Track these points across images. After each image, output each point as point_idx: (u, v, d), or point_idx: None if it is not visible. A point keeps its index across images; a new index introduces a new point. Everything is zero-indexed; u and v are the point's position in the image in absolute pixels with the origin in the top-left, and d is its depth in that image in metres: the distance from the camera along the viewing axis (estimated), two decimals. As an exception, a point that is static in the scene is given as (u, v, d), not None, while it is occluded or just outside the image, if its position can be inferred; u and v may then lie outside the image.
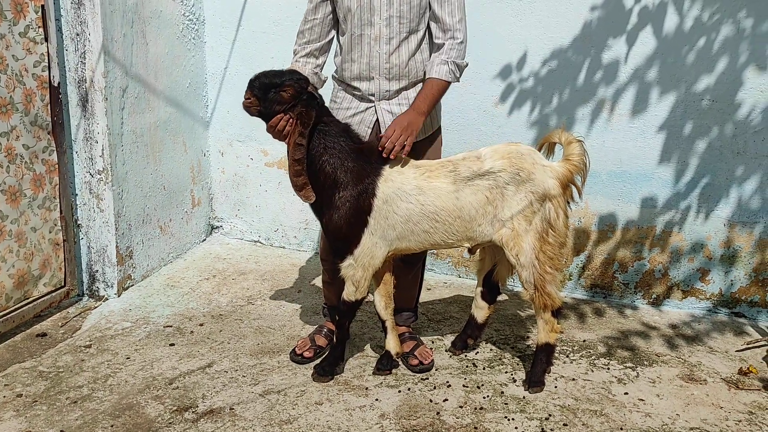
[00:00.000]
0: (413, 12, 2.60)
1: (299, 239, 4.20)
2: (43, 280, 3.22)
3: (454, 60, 2.62)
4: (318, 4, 2.70)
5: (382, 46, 2.63)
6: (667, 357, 3.02)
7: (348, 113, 2.74)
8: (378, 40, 2.63)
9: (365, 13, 2.61)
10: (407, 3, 2.58)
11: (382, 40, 2.62)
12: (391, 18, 2.60)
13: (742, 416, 2.59)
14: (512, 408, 2.59)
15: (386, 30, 2.61)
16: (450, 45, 2.62)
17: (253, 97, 2.54)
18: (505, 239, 2.57)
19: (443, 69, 2.62)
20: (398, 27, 2.61)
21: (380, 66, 2.66)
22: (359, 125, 2.72)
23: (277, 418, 2.50)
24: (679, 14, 3.26)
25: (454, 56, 2.62)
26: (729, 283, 3.44)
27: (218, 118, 4.19)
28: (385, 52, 2.64)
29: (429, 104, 2.62)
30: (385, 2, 2.58)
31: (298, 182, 2.53)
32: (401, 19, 2.60)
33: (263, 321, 3.29)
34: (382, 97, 2.70)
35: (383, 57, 2.64)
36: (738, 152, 3.31)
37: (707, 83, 3.29)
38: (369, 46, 2.64)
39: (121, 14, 3.35)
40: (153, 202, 3.74)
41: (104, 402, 2.59)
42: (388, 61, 2.64)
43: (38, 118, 3.11)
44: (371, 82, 2.68)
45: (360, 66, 2.68)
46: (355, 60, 2.68)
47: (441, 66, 2.62)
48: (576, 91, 3.49)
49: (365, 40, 2.64)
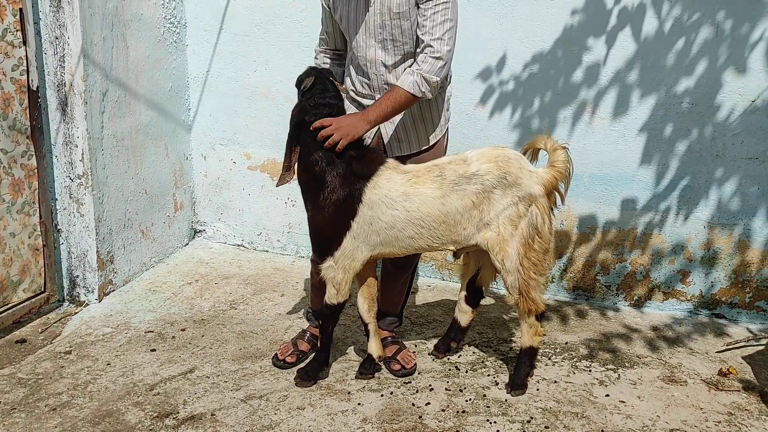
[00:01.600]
0: (406, 35, 2.59)
1: (282, 243, 4.19)
2: (23, 286, 3.19)
3: (423, 72, 2.52)
4: (326, 19, 2.76)
5: (378, 67, 2.65)
6: (648, 359, 3.04)
7: None
8: (374, 62, 2.65)
9: (361, 36, 2.62)
10: (398, 27, 2.57)
11: (378, 62, 2.64)
12: (386, 41, 2.61)
13: (722, 417, 2.61)
14: (494, 411, 2.60)
15: (382, 53, 2.63)
16: (423, 58, 2.53)
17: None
18: (491, 243, 2.57)
19: (408, 79, 2.53)
20: (393, 50, 2.62)
21: (379, 86, 2.68)
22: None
23: (258, 423, 2.49)
24: (658, 17, 3.29)
25: (425, 69, 2.52)
26: (709, 284, 3.47)
27: (200, 122, 4.17)
28: (382, 74, 2.66)
29: (380, 114, 2.55)
30: (378, 26, 2.59)
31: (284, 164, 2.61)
32: (395, 42, 2.60)
33: (246, 325, 3.28)
34: None
35: (381, 78, 2.66)
36: (717, 155, 3.34)
37: (687, 86, 3.32)
38: (367, 67, 2.67)
39: (100, 17, 3.32)
40: (134, 207, 3.71)
41: (84, 409, 2.56)
42: (386, 82, 2.66)
43: (17, 123, 3.08)
44: (372, 100, 2.69)
45: (361, 85, 2.72)
46: (355, 79, 2.73)
47: (407, 76, 2.54)
48: (557, 95, 3.50)
49: (362, 62, 2.67)
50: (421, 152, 2.77)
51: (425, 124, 2.76)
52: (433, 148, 2.79)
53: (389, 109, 2.55)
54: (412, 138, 2.76)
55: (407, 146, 2.77)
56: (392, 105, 2.55)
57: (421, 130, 2.76)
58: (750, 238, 3.36)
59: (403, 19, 2.55)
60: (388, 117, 2.59)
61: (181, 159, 4.13)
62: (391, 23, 2.56)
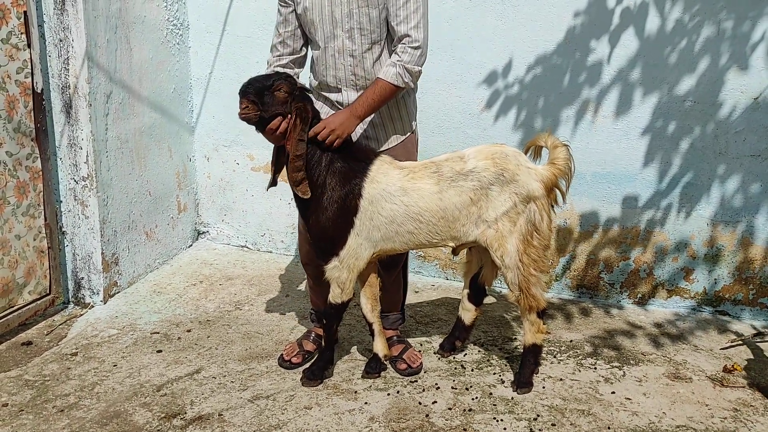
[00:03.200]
0: (373, 23, 2.60)
1: (286, 243, 4.20)
2: (28, 288, 3.20)
3: (404, 63, 2.56)
4: (287, 17, 2.72)
5: (346, 58, 2.65)
6: (653, 356, 3.05)
7: None
8: (342, 52, 2.64)
9: (328, 26, 2.62)
10: (366, 15, 2.58)
11: (346, 53, 2.64)
12: (353, 30, 2.60)
13: (728, 413, 2.62)
14: (501, 409, 2.61)
15: (349, 42, 2.62)
16: (402, 48, 2.57)
17: (250, 104, 2.53)
18: (490, 240, 2.59)
19: (390, 71, 2.56)
20: (360, 39, 2.62)
21: (346, 78, 2.68)
22: None
23: (266, 423, 2.50)
24: (661, 16, 3.30)
25: (405, 59, 2.56)
26: (713, 281, 3.48)
27: (203, 123, 4.18)
28: (349, 64, 2.65)
29: (367, 108, 2.59)
30: (345, 14, 2.59)
31: (296, 178, 2.54)
32: (362, 30, 2.60)
33: (251, 326, 3.28)
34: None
35: (348, 69, 2.66)
36: (720, 152, 3.35)
37: (689, 84, 3.33)
38: (334, 59, 2.66)
39: (104, 20, 3.33)
40: (138, 208, 3.72)
41: (91, 410, 2.57)
42: (353, 72, 2.66)
43: (21, 125, 3.09)
44: (340, 93, 2.70)
45: (327, 78, 2.71)
46: (322, 72, 2.71)
47: (389, 68, 2.57)
48: (560, 94, 3.51)
49: (329, 53, 2.66)
50: (390, 149, 2.77)
51: (393, 121, 2.77)
52: (402, 144, 2.79)
53: (375, 102, 2.59)
54: (380, 135, 2.77)
55: (375, 143, 2.76)
56: (377, 98, 2.58)
57: (389, 126, 2.77)
58: (753, 235, 3.37)
59: (371, 6, 2.56)
60: (374, 110, 2.62)
61: (184, 160, 4.14)
62: (359, 11, 2.57)
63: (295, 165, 2.53)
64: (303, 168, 2.53)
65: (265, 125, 2.55)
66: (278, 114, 2.53)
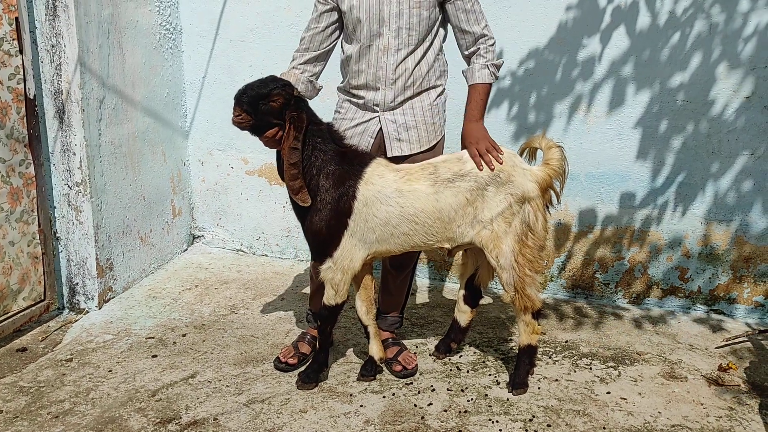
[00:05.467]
0: (422, 24, 2.63)
1: (281, 247, 4.20)
2: (23, 295, 3.19)
3: (492, 62, 2.69)
4: (322, 14, 2.73)
5: (390, 56, 2.66)
6: (648, 355, 3.05)
7: (352, 123, 2.77)
8: (386, 50, 2.65)
9: (374, 24, 2.63)
10: (417, 15, 2.61)
11: (390, 51, 2.65)
12: (401, 30, 2.62)
13: (723, 412, 2.62)
14: (496, 410, 2.61)
15: (395, 41, 2.64)
16: (485, 48, 2.68)
17: (243, 112, 2.53)
18: (485, 241, 2.59)
19: (485, 73, 2.68)
20: (407, 39, 2.64)
21: (386, 76, 2.68)
22: (362, 134, 2.75)
23: (261, 427, 2.50)
24: (652, 13, 3.31)
25: (491, 58, 2.69)
26: (707, 280, 3.48)
27: (197, 128, 4.18)
28: (392, 63, 2.66)
29: (481, 110, 2.71)
30: (394, 14, 2.61)
31: (294, 186, 2.53)
32: (410, 30, 2.63)
33: (246, 330, 3.28)
34: (387, 107, 2.72)
35: (390, 67, 2.67)
36: (713, 151, 3.36)
37: (681, 83, 3.34)
38: (377, 56, 2.67)
39: (96, 25, 3.33)
40: (133, 213, 3.72)
41: (86, 416, 2.57)
42: (394, 72, 2.67)
43: (14, 131, 3.09)
44: (377, 92, 2.71)
45: (367, 76, 2.71)
46: (363, 70, 2.71)
47: (482, 70, 2.68)
48: (552, 94, 3.52)
49: (373, 51, 2.67)
50: (421, 152, 2.78)
51: (426, 125, 2.77)
52: (432, 150, 2.81)
53: (484, 103, 2.73)
54: (413, 138, 2.76)
55: (408, 146, 2.77)
56: (485, 97, 2.73)
57: (422, 130, 2.77)
58: (747, 233, 3.38)
59: (423, 8, 2.61)
60: (485, 110, 2.76)
61: (178, 165, 4.14)
62: (409, 11, 2.60)
63: (291, 173, 2.52)
64: (299, 176, 2.52)
65: (261, 131, 2.55)
66: (272, 123, 2.52)
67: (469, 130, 2.67)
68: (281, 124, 2.52)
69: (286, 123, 2.51)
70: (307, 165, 2.56)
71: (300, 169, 2.53)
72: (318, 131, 2.57)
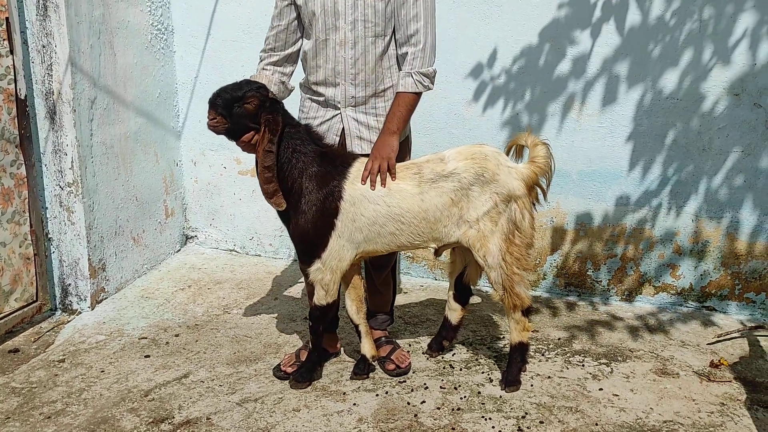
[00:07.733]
0: (378, 16, 2.58)
1: (275, 247, 4.20)
2: (15, 296, 3.18)
3: (418, 70, 2.59)
4: (282, 9, 2.69)
5: (347, 50, 2.61)
6: (641, 352, 3.06)
7: (315, 122, 2.74)
8: (343, 44, 2.61)
9: (330, 18, 2.59)
10: (372, 6, 2.56)
11: (347, 45, 2.61)
12: (356, 22, 2.58)
13: (714, 408, 2.63)
14: (489, 408, 2.61)
15: (351, 34, 2.59)
16: (412, 55, 2.59)
17: (218, 116, 2.50)
18: (472, 240, 2.59)
19: (408, 81, 2.60)
20: (363, 31, 2.59)
21: (345, 71, 2.64)
22: (327, 133, 2.72)
23: (254, 426, 2.50)
24: (641, 11, 3.32)
25: (417, 66, 2.59)
26: (699, 277, 3.50)
27: (190, 128, 4.17)
28: (350, 57, 2.62)
29: (398, 121, 2.60)
30: (350, 6, 2.57)
31: (269, 189, 2.52)
32: (366, 23, 2.58)
33: (239, 330, 3.28)
34: (348, 104, 2.69)
35: (348, 62, 2.63)
36: (703, 149, 3.37)
37: (672, 81, 3.35)
38: (334, 51, 2.63)
39: (87, 25, 3.33)
40: (125, 214, 3.71)
41: (79, 416, 2.56)
42: (353, 66, 2.63)
43: (5, 132, 3.08)
44: (336, 88, 2.67)
45: (325, 71, 2.66)
46: (321, 65, 2.67)
47: (405, 79, 2.60)
48: (544, 93, 3.53)
49: (330, 45, 2.62)
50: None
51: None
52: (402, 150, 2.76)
53: (404, 114, 2.61)
54: (374, 138, 2.69)
55: (368, 145, 2.71)
56: (405, 109, 2.61)
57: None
58: (738, 230, 3.39)
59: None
60: (407, 121, 2.65)
61: (171, 165, 4.14)
62: (364, 3, 2.56)
63: (265, 176, 2.50)
64: (274, 179, 2.50)
65: (237, 135, 2.54)
66: (248, 127, 2.50)
67: (379, 144, 2.58)
68: (257, 127, 2.50)
69: (261, 126, 2.49)
70: (287, 168, 2.54)
71: (274, 173, 2.50)
72: (296, 133, 2.56)
